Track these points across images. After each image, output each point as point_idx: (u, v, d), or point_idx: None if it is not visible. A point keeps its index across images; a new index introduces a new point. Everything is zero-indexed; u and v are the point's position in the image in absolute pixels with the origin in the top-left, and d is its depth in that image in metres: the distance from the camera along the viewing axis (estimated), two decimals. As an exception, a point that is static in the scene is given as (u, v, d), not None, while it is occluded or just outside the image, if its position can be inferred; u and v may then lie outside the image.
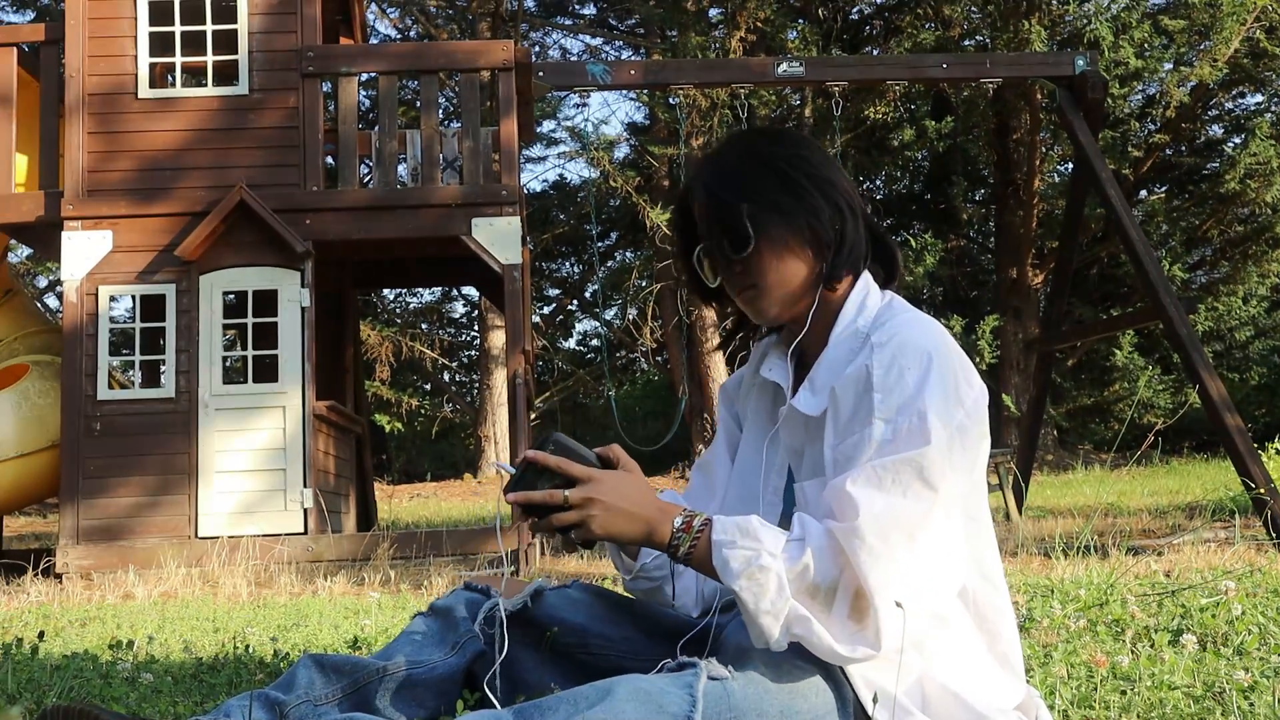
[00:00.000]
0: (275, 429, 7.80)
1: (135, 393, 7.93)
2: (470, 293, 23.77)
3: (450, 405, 24.26)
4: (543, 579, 1.88)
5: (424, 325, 23.86)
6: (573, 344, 26.35)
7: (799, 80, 8.42)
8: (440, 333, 24.70)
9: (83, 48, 8.05)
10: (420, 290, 23.98)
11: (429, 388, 24.97)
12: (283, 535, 7.48)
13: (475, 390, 23.04)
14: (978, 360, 15.63)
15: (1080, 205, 8.99)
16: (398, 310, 24.23)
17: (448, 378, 25.15)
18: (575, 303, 24.83)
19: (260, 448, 7.76)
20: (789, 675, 1.53)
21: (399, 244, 8.61)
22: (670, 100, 13.41)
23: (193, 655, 3.18)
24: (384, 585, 6.06)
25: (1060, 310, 9.35)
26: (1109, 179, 8.26)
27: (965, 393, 1.58)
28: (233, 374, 8.36)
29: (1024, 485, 8.97)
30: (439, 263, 9.93)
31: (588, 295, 23.86)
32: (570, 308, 25.09)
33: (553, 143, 23.08)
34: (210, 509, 7.62)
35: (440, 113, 11.14)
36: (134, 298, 8.01)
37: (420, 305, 24.81)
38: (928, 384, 1.56)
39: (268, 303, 7.94)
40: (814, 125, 17.22)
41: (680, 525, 1.57)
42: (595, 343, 25.57)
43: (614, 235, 23.51)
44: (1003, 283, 18.92)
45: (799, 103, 17.77)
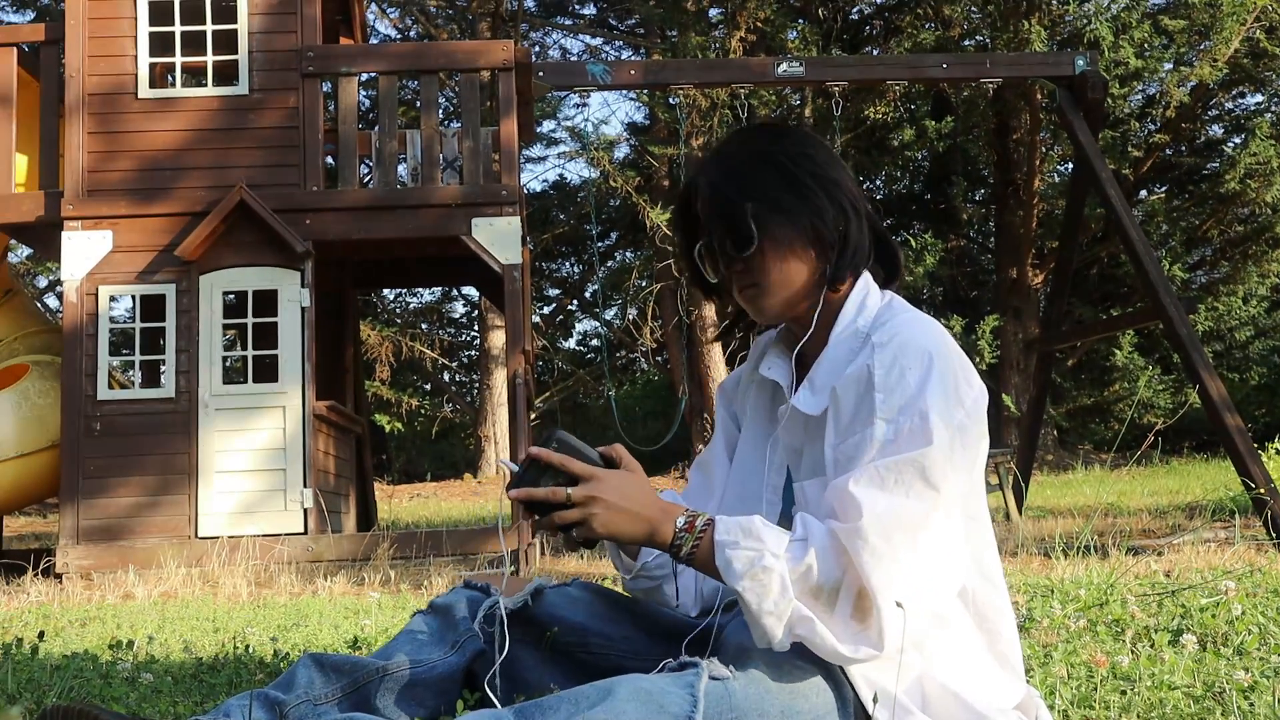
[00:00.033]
0: (275, 429, 7.80)
1: (135, 393, 7.93)
2: (470, 293, 23.79)
3: (450, 405, 24.26)
4: (543, 578, 1.87)
5: (424, 325, 23.87)
6: (573, 344, 26.37)
7: (799, 80, 8.42)
8: (440, 333, 24.70)
9: (83, 48, 8.04)
10: (420, 290, 23.99)
11: (429, 388, 24.96)
12: (283, 535, 7.47)
13: (475, 390, 23.05)
14: (978, 360, 15.63)
15: (1080, 205, 8.99)
16: (398, 310, 24.23)
17: (448, 378, 25.15)
18: (575, 303, 24.84)
19: (260, 448, 7.76)
20: (790, 675, 1.52)
21: (399, 244, 8.61)
22: (670, 100, 13.41)
23: (193, 655, 3.18)
24: (384, 585, 6.06)
25: (1060, 310, 9.35)
26: (1109, 179, 8.27)
27: (965, 392, 1.58)
28: (233, 374, 8.36)
29: (1024, 485, 8.97)
30: (439, 263, 9.92)
31: (588, 295, 23.86)
32: (570, 308, 25.10)
33: (553, 143, 23.10)
34: (210, 509, 7.62)
35: (440, 113, 11.13)
36: (134, 298, 8.01)
37: (420, 305, 24.81)
38: (929, 384, 1.56)
39: (268, 303, 7.94)
40: (814, 125, 17.20)
41: (683, 525, 1.57)
42: (595, 343, 25.57)
43: (614, 235, 23.51)
44: (1003, 283, 18.92)
45: (799, 103, 17.76)
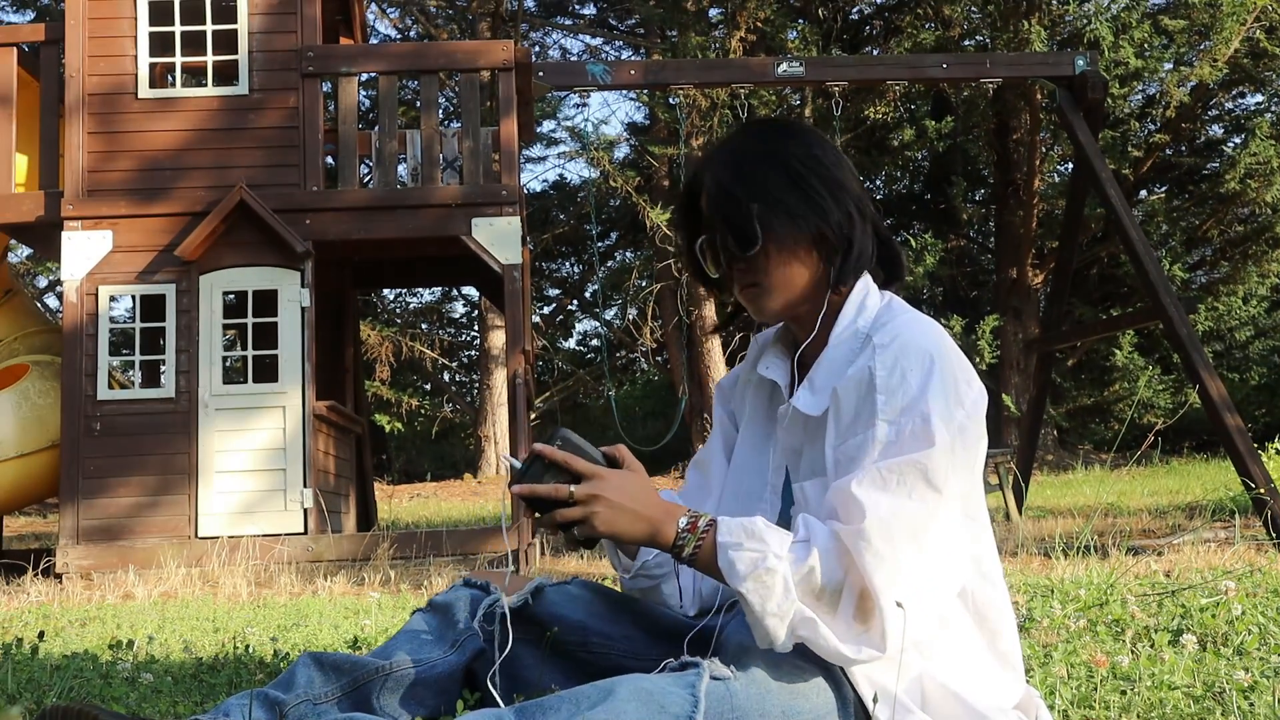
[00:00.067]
0: (275, 429, 7.80)
1: (135, 393, 7.93)
2: (470, 293, 23.79)
3: (450, 405, 24.26)
4: (543, 577, 1.87)
5: (424, 325, 23.86)
6: (573, 344, 26.36)
7: (799, 80, 8.42)
8: (440, 333, 24.70)
9: (83, 48, 8.05)
10: (420, 290, 23.98)
11: (429, 388, 24.96)
12: (283, 535, 7.48)
13: (475, 390, 23.04)
14: (977, 360, 15.63)
15: (1080, 205, 8.99)
16: (398, 310, 24.22)
17: (448, 378, 25.14)
18: (575, 303, 24.83)
19: (260, 448, 7.76)
20: (791, 675, 1.53)
21: (399, 244, 8.61)
22: (670, 100, 13.42)
23: (193, 655, 3.17)
24: (384, 585, 6.06)
25: (1060, 310, 9.35)
26: (1109, 179, 8.27)
27: (965, 393, 1.58)
28: (233, 374, 8.36)
29: (1024, 485, 8.97)
30: (439, 263, 9.92)
31: (588, 295, 23.86)
32: (570, 308, 25.09)
33: (553, 143, 23.09)
34: (210, 509, 7.62)
35: (440, 113, 11.13)
36: (134, 298, 8.01)
37: (420, 305, 24.81)
38: (930, 385, 1.55)
39: (268, 303, 7.94)
40: (814, 125, 17.21)
41: (685, 526, 1.56)
42: (595, 343, 25.57)
43: (614, 235, 23.51)
44: (1003, 283, 18.92)
45: (799, 103, 17.75)
